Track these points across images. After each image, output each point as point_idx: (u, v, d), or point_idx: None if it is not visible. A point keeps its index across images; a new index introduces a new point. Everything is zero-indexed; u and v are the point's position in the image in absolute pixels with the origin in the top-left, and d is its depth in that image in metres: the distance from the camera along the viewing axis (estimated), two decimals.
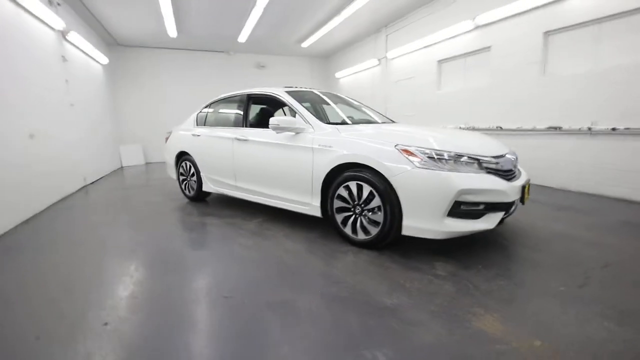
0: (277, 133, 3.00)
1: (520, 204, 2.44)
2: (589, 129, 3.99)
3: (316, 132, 2.80)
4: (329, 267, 2.26)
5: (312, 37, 8.35)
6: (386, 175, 2.29)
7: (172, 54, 9.51)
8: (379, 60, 8.23)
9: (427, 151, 2.21)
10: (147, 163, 9.59)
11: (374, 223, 2.43)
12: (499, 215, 2.27)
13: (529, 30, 4.60)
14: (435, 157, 2.19)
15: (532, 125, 4.64)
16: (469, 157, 2.23)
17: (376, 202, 2.37)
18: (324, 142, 2.68)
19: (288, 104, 3.15)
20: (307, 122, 2.90)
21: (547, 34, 4.43)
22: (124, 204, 4.46)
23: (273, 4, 6.13)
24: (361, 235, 2.53)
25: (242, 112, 3.63)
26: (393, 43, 7.59)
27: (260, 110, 3.91)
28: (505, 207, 2.29)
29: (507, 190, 2.23)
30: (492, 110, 5.30)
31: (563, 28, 4.25)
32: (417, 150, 2.23)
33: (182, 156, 4.39)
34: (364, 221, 2.49)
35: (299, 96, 3.28)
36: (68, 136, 5.24)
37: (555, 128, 4.36)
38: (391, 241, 2.42)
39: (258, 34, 8.11)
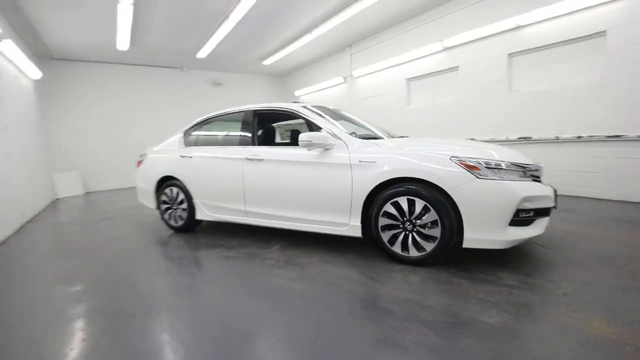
0: (308, 150, 2.78)
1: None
2: (557, 137, 4.55)
3: (350, 147, 2.66)
4: (400, 291, 2.09)
5: (277, 54, 8.26)
6: (445, 188, 2.24)
7: (118, 69, 8.53)
8: (344, 78, 8.44)
9: (485, 162, 2.24)
10: (87, 193, 8.27)
11: (429, 238, 2.35)
12: (546, 220, 2.38)
13: (495, 52, 5.15)
14: (494, 167, 2.23)
15: (505, 137, 5.13)
16: (518, 165, 2.32)
17: (431, 216, 2.31)
18: (364, 157, 2.56)
19: (309, 119, 2.97)
20: (336, 137, 2.75)
21: (511, 55, 5.01)
22: (86, 242, 3.69)
23: (245, 20, 5.91)
24: (413, 253, 2.43)
25: (248, 130, 3.32)
26: (358, 62, 7.88)
27: (270, 127, 3.62)
28: (548, 212, 2.41)
29: (551, 195, 2.35)
30: (463, 123, 5.76)
31: (524, 50, 4.85)
32: (474, 161, 2.24)
33: (165, 182, 3.83)
34: (416, 237, 2.40)
35: (316, 111, 3.12)
36: (2, 164, 4.23)
37: (526, 138, 4.89)
38: (446, 256, 2.37)
39: (221, 50, 7.73)
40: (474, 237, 2.21)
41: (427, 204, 2.31)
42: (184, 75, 9.48)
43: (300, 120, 4.56)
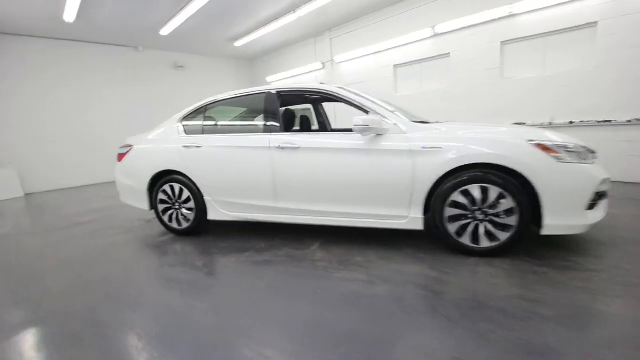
0: (363, 136, 2.47)
1: None
2: (550, 123, 4.81)
3: (410, 132, 2.42)
4: (492, 286, 1.94)
5: (252, 35, 7.60)
6: (526, 174, 2.13)
7: (60, 45, 7.13)
8: (323, 63, 8.10)
9: (563, 145, 2.16)
10: (27, 194, 6.88)
11: (504, 227, 2.24)
12: (606, 201, 2.40)
13: (488, 40, 5.24)
14: (572, 150, 2.16)
15: (500, 122, 5.30)
16: (589, 149, 2.29)
17: (507, 204, 2.19)
18: (428, 143, 2.33)
19: (353, 101, 2.65)
20: (389, 121, 2.48)
21: (504, 43, 5.14)
22: (65, 257, 2.97)
23: None
24: (485, 243, 2.30)
25: (273, 115, 2.88)
26: (340, 47, 7.58)
27: (294, 112, 3.18)
28: (606, 194, 2.44)
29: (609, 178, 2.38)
30: (454, 110, 5.85)
31: (518, 39, 5.00)
32: (553, 145, 2.15)
33: (163, 177, 3.22)
34: (489, 227, 2.27)
35: (356, 92, 2.80)
36: None
37: (520, 123, 5.10)
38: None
39: (189, 27, 6.86)
40: (555, 223, 2.14)
41: (503, 191, 2.19)
42: (140, 56, 8.30)
43: (307, 106, 4.28)
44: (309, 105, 4.16)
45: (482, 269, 2.16)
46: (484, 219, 2.27)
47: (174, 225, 3.26)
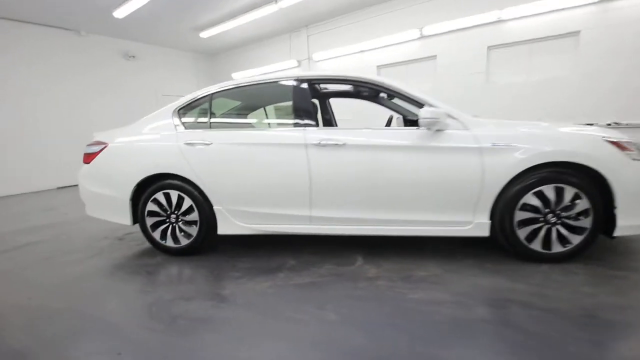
0: (429, 130, 2.14)
1: None
2: None
3: (471, 127, 2.16)
4: (596, 296, 1.74)
5: (222, 26, 6.88)
6: (602, 172, 2.00)
7: None
8: (298, 61, 7.68)
9: (635, 142, 2.08)
10: None
11: (577, 230, 2.09)
12: None
13: (475, 43, 5.35)
14: None
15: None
16: None
17: (582, 204, 2.04)
18: (499, 139, 2.10)
19: (407, 94, 2.31)
20: (450, 115, 2.20)
21: (490, 48, 5.28)
22: (13, 302, 2.14)
23: None
24: (557, 248, 2.13)
25: (305, 106, 2.42)
26: (318, 44, 7.25)
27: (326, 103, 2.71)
28: None
29: None
30: None
31: (504, 44, 5.17)
32: (627, 142, 2.05)
33: (153, 183, 2.53)
34: (562, 231, 2.10)
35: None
36: None
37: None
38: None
39: (149, 10, 5.94)
40: (629, 223, 2.04)
41: (578, 191, 2.03)
42: (82, 41, 7.01)
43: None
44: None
45: (563, 277, 1.97)
46: (556, 222, 2.11)
47: (169, 243, 2.58)
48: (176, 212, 2.53)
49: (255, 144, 2.39)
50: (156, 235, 2.60)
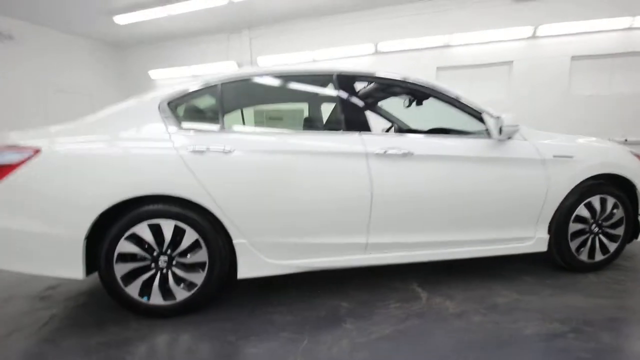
0: (508, 139, 1.94)
1: None
2: None
3: (530, 138, 2.07)
4: None
5: (143, 12, 5.65)
6: (635, 182, 2.16)
7: None
8: (239, 64, 6.92)
9: None
10: None
11: (614, 238, 2.19)
12: None
13: (425, 64, 5.70)
14: None
15: None
16: None
17: (619, 214, 2.17)
18: (559, 150, 2.05)
19: (465, 102, 2.08)
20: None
21: (439, 69, 5.70)
22: None
23: None
24: (599, 257, 2.20)
25: (355, 106, 1.95)
26: (264, 49, 6.69)
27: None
28: None
29: None
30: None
31: (450, 67, 5.65)
32: None
33: (126, 210, 1.64)
34: (603, 239, 2.18)
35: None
36: None
37: None
38: None
39: None
40: None
41: (616, 201, 2.15)
42: None
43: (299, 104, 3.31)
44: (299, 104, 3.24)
45: (620, 285, 2.02)
46: (598, 232, 2.17)
47: (155, 300, 1.70)
48: (168, 253, 1.69)
49: (297, 152, 1.79)
50: (132, 290, 1.68)
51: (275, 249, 1.81)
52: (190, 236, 1.70)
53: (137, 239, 1.66)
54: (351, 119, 1.92)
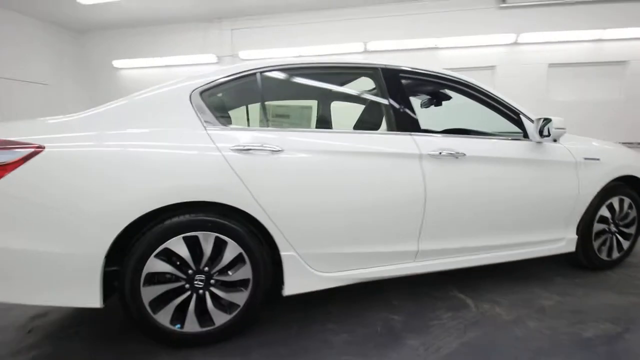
0: (538, 142, 1.95)
1: None
2: None
3: (562, 141, 2.10)
4: None
5: None
6: None
7: None
8: (218, 57, 6.48)
9: None
10: None
11: (627, 237, 2.31)
12: None
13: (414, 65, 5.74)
14: None
15: None
16: None
17: (633, 214, 2.29)
18: (587, 153, 2.10)
19: (505, 102, 2.05)
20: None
21: None
22: None
23: None
24: (615, 255, 2.30)
25: (404, 104, 1.83)
26: (247, 42, 6.31)
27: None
28: None
29: None
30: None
31: None
32: None
33: (152, 222, 1.38)
34: (619, 238, 2.28)
35: None
36: None
37: None
38: None
39: None
40: None
41: (631, 201, 2.26)
42: None
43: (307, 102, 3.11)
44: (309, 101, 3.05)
45: None
46: (615, 231, 2.28)
47: (190, 327, 1.44)
48: (206, 270, 1.45)
49: (350, 154, 1.63)
50: (162, 317, 1.41)
51: (324, 260, 1.63)
52: (233, 250, 1.47)
53: (170, 257, 1.40)
54: (402, 118, 1.80)
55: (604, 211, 2.20)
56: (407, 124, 1.79)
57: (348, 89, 2.22)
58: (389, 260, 1.76)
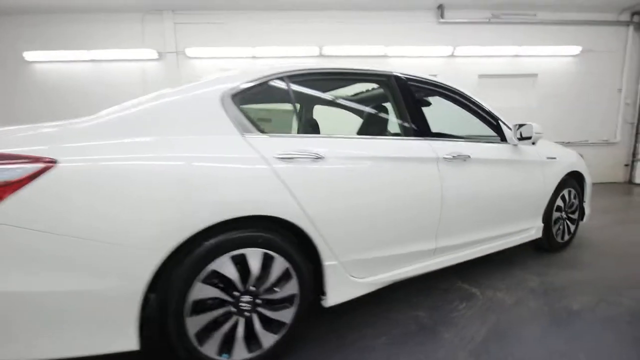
0: (515, 145, 2.25)
1: None
2: None
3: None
4: None
5: None
6: (585, 178, 2.80)
7: None
8: (159, 53, 5.88)
9: None
10: None
11: (573, 221, 2.81)
12: None
13: None
14: None
15: None
16: None
17: (576, 202, 2.79)
18: (549, 153, 2.51)
19: (487, 109, 2.30)
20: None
21: None
22: None
23: None
24: (566, 237, 2.78)
25: (415, 110, 1.93)
26: (194, 38, 5.84)
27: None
28: None
29: None
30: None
31: None
32: None
33: (204, 241, 1.23)
34: (568, 223, 2.77)
35: None
36: None
37: None
38: None
39: None
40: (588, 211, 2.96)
41: (575, 192, 2.76)
42: None
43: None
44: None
45: (591, 260, 2.61)
46: (566, 218, 2.75)
47: (239, 354, 1.31)
48: (253, 288, 1.33)
49: (381, 159, 1.65)
50: (209, 349, 1.24)
51: (360, 267, 1.64)
52: (280, 265, 1.38)
53: (218, 280, 1.25)
54: (419, 124, 1.90)
55: (559, 201, 2.64)
56: (423, 129, 1.91)
57: (369, 95, 2.26)
58: (413, 260, 1.84)
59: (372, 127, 2.19)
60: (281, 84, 1.60)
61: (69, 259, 1.04)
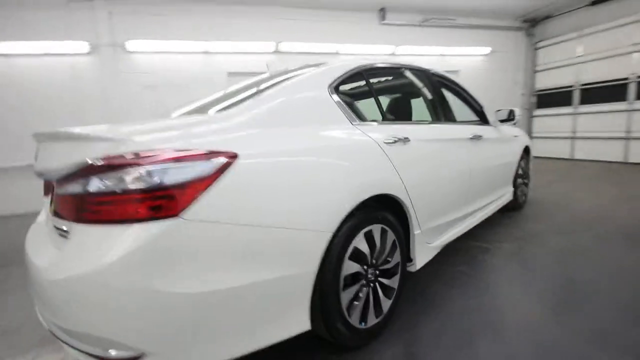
0: (496, 126, 2.80)
1: None
2: None
3: (498, 125, 3.06)
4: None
5: None
6: (531, 152, 3.60)
7: None
8: (92, 46, 5.10)
9: None
10: None
11: (527, 185, 3.58)
12: None
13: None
14: None
15: None
16: None
17: (527, 170, 3.58)
18: (514, 132, 3.16)
19: (472, 96, 2.78)
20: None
21: None
22: None
23: None
24: (523, 198, 3.53)
25: (443, 99, 2.31)
26: (134, 30, 5.24)
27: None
28: None
29: None
30: None
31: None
32: None
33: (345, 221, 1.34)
34: (524, 187, 3.52)
35: None
36: None
37: None
38: None
39: None
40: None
41: (526, 162, 3.53)
42: None
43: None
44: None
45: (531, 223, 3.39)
46: (522, 182, 3.49)
47: (370, 321, 1.46)
48: (375, 260, 1.48)
49: (442, 140, 1.99)
50: (354, 319, 1.37)
51: (433, 233, 1.94)
52: (391, 237, 1.57)
53: (357, 255, 1.37)
54: (453, 112, 2.30)
55: (520, 170, 3.36)
56: (454, 116, 2.28)
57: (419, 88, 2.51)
58: (455, 224, 2.22)
59: (432, 114, 2.47)
60: (362, 77, 1.77)
61: (267, 248, 1.07)
